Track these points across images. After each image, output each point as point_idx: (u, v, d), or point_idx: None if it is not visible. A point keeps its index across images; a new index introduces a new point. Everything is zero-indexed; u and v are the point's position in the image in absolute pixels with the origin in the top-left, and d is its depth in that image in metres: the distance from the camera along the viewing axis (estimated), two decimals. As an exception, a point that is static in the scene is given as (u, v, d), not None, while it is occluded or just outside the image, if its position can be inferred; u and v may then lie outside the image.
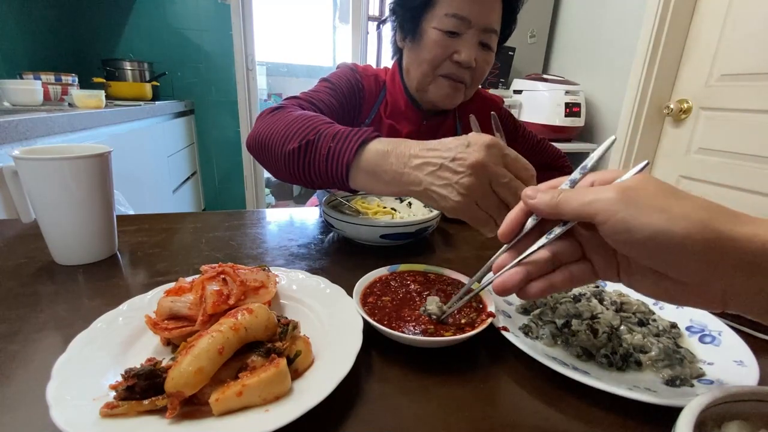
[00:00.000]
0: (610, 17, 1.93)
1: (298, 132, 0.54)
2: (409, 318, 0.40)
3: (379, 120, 0.87)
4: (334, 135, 0.51)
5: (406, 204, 0.73)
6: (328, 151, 0.50)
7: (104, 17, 2.31)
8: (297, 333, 0.36)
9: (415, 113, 0.85)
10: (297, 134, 0.54)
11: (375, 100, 0.86)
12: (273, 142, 0.56)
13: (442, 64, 0.77)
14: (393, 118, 0.86)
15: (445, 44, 0.75)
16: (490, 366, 0.38)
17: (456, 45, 0.74)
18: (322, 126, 0.53)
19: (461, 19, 0.72)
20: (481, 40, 0.75)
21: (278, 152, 0.55)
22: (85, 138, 1.28)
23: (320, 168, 0.52)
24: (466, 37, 0.74)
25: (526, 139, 0.96)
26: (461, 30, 0.74)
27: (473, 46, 0.75)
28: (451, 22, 0.73)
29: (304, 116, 0.56)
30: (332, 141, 0.51)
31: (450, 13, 0.73)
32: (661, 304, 0.48)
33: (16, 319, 0.41)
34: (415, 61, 0.80)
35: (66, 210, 0.51)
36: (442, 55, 0.76)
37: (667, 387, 0.35)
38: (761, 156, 1.42)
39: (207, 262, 0.44)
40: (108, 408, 0.27)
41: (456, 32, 0.74)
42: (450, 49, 0.75)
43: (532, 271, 0.32)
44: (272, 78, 3.56)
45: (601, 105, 2.01)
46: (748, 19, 1.43)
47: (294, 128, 0.55)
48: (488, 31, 0.75)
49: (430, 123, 0.86)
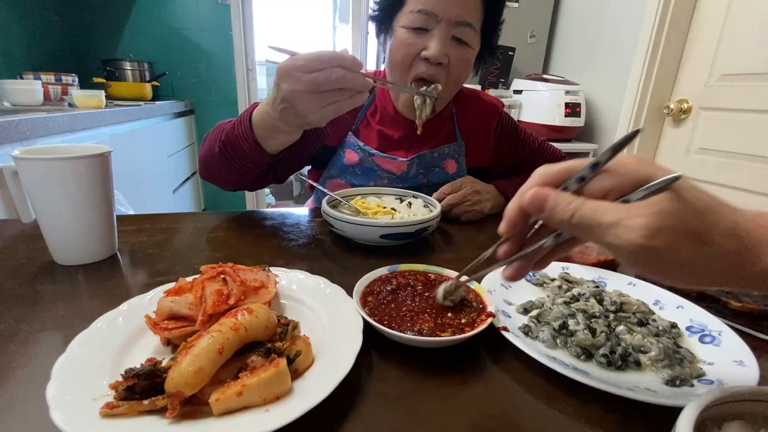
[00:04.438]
0: (610, 17, 1.93)
1: (213, 142, 0.68)
2: (408, 318, 0.40)
3: (367, 125, 0.85)
4: (232, 127, 0.65)
5: (406, 204, 0.73)
6: (236, 138, 0.64)
7: (104, 17, 2.31)
8: (297, 333, 0.36)
9: (404, 118, 0.83)
10: (214, 143, 0.67)
11: (358, 108, 0.83)
12: (207, 158, 0.70)
13: (413, 63, 0.72)
14: (383, 124, 0.84)
15: (412, 42, 0.71)
16: (490, 366, 0.38)
17: (424, 41, 0.71)
18: (224, 126, 0.68)
19: (427, 14, 0.69)
20: (453, 35, 0.71)
21: (213, 163, 0.69)
22: (85, 138, 1.28)
23: (242, 151, 0.64)
24: (435, 32, 0.70)
25: (528, 143, 0.94)
26: (429, 25, 0.70)
27: (443, 40, 0.70)
28: (417, 18, 0.70)
29: (212, 133, 0.71)
30: (234, 131, 0.64)
31: (415, 9, 0.70)
32: (661, 304, 0.48)
33: (16, 319, 0.41)
34: (389, 67, 0.77)
35: (66, 210, 0.51)
36: (411, 54, 0.72)
37: (667, 387, 0.35)
38: (761, 156, 1.42)
39: (207, 262, 0.44)
40: (108, 408, 0.27)
41: (423, 28, 0.71)
42: (418, 47, 0.71)
43: (534, 255, 0.33)
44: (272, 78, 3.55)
45: (601, 105, 2.01)
46: (748, 19, 1.43)
47: (211, 142, 0.69)
48: (460, 25, 0.70)
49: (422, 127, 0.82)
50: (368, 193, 0.77)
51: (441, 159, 0.85)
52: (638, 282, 0.52)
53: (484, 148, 0.90)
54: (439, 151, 0.85)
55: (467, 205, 0.78)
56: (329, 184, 0.85)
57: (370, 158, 0.82)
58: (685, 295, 0.48)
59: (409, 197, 0.75)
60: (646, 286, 0.51)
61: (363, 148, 0.82)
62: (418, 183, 0.85)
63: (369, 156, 0.82)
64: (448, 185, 0.79)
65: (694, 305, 0.46)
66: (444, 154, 0.85)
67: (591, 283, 0.52)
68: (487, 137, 0.89)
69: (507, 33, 2.33)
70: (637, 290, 0.50)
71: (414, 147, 0.84)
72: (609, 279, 0.53)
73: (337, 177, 0.85)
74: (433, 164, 0.85)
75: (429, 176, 0.85)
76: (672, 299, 0.48)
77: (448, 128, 0.88)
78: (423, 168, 0.84)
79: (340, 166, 0.84)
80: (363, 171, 0.83)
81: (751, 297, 0.46)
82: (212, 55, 2.52)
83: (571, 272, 0.54)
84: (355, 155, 0.83)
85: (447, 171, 0.86)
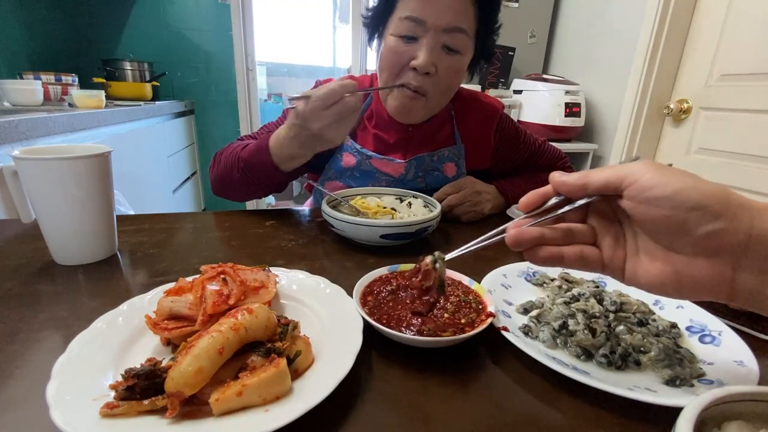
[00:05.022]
0: (610, 17, 1.93)
1: (231, 168, 0.73)
2: (409, 318, 0.40)
3: (364, 129, 0.85)
4: (249, 154, 0.69)
5: (406, 204, 0.73)
6: (256, 164, 0.69)
7: (104, 17, 2.31)
8: (297, 333, 0.36)
9: (398, 122, 0.82)
10: (232, 169, 0.72)
11: None
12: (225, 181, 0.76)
13: (401, 72, 0.72)
14: (379, 128, 0.85)
15: (400, 50, 0.70)
16: (490, 366, 0.38)
17: (413, 50, 0.70)
18: (239, 153, 0.72)
19: (416, 21, 0.68)
20: (444, 43, 0.69)
21: (233, 185, 0.75)
22: (85, 138, 1.28)
23: (263, 175, 0.70)
24: (424, 41, 0.69)
25: (528, 145, 0.93)
26: (417, 33, 0.69)
27: (432, 50, 0.69)
28: (405, 25, 0.69)
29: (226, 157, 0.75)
30: (253, 158, 0.69)
31: (404, 16, 0.69)
32: (661, 304, 0.48)
33: (16, 319, 0.41)
34: (379, 71, 0.77)
35: (66, 210, 0.51)
36: (399, 63, 0.71)
37: (667, 387, 0.35)
38: (761, 156, 1.42)
39: (207, 262, 0.44)
40: (108, 408, 0.27)
41: (413, 36, 0.69)
42: (406, 56, 0.70)
43: (548, 235, 0.33)
44: (272, 78, 3.56)
45: (601, 105, 2.01)
46: (748, 19, 1.43)
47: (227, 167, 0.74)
48: (451, 32, 0.69)
49: (417, 129, 0.83)
50: (368, 193, 0.76)
51: (440, 162, 0.85)
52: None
53: (484, 150, 0.89)
54: (439, 154, 0.84)
55: (468, 206, 0.78)
56: (327, 186, 0.85)
57: (368, 161, 0.82)
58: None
59: (409, 197, 0.75)
60: (646, 286, 0.51)
61: (360, 150, 0.82)
62: (416, 186, 0.84)
63: (366, 159, 0.82)
64: (449, 185, 0.79)
65: (694, 305, 0.46)
66: (444, 157, 0.85)
67: (591, 283, 0.52)
68: (487, 140, 0.89)
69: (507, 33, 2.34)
70: (637, 290, 0.50)
71: (411, 150, 0.84)
72: (609, 279, 0.53)
73: (335, 179, 0.85)
74: (432, 167, 0.85)
75: (427, 179, 0.85)
76: (672, 299, 0.48)
77: (447, 131, 0.87)
78: (421, 171, 0.84)
79: (337, 168, 0.84)
80: (361, 174, 0.84)
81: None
82: (212, 55, 2.52)
83: (571, 272, 0.54)
84: (352, 158, 0.83)
85: (446, 174, 0.86)
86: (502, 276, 0.52)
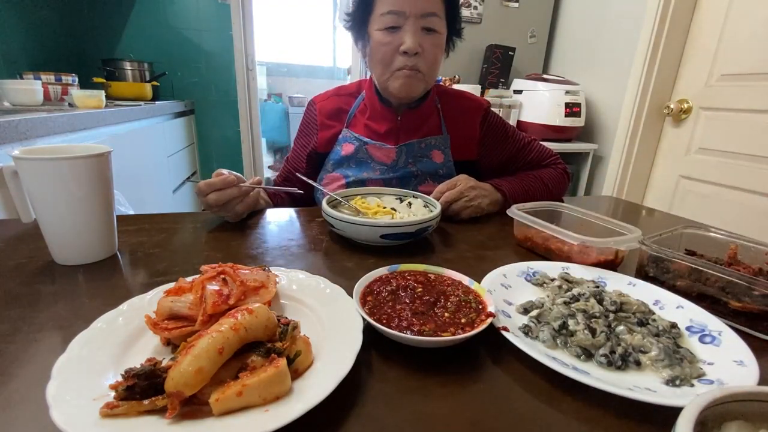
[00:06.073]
0: (610, 17, 1.93)
1: None
2: (409, 318, 0.40)
3: (357, 122, 0.94)
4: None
5: (406, 204, 0.73)
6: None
7: (104, 17, 2.31)
8: (297, 333, 0.35)
9: (389, 112, 0.91)
10: None
11: (347, 111, 0.95)
12: None
13: (393, 59, 0.81)
14: (371, 119, 0.93)
15: (389, 40, 0.80)
16: (490, 366, 0.38)
17: (399, 38, 0.80)
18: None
19: (397, 13, 0.78)
20: (423, 26, 0.80)
21: None
22: (85, 138, 1.28)
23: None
24: (406, 28, 0.79)
25: (517, 140, 0.98)
26: (399, 23, 0.79)
27: (415, 33, 0.79)
28: (388, 18, 0.79)
29: None
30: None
31: (385, 11, 0.79)
32: (661, 304, 0.48)
33: (16, 319, 0.41)
34: (372, 65, 0.87)
35: (66, 210, 0.51)
36: (390, 52, 0.81)
37: (667, 387, 0.35)
38: (761, 156, 1.42)
39: (207, 262, 0.44)
40: (108, 408, 0.27)
41: (396, 26, 0.79)
42: (395, 43, 0.80)
43: None
44: (272, 78, 3.55)
45: (601, 105, 2.01)
46: (748, 19, 1.43)
47: None
48: (427, 16, 0.79)
49: (405, 119, 0.91)
50: (368, 193, 0.77)
51: (428, 149, 0.92)
52: (638, 282, 0.52)
53: (470, 141, 0.95)
54: (426, 141, 0.92)
55: (465, 201, 0.79)
56: (326, 177, 0.92)
57: (364, 147, 0.90)
58: (685, 295, 0.48)
59: (409, 197, 0.75)
60: (646, 286, 0.51)
61: (358, 137, 0.91)
62: (408, 172, 0.90)
63: (363, 145, 0.90)
64: (444, 183, 0.81)
65: (694, 305, 0.46)
66: (431, 145, 0.92)
67: (591, 283, 0.52)
68: (472, 130, 0.95)
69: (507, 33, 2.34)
70: (637, 290, 0.50)
71: (402, 138, 0.91)
72: (609, 279, 0.53)
73: (333, 171, 0.92)
74: (421, 154, 0.91)
75: (418, 165, 0.91)
76: (672, 299, 0.48)
77: (434, 122, 0.94)
78: (411, 157, 0.91)
79: (336, 159, 0.92)
80: (357, 163, 0.91)
81: (751, 297, 0.46)
82: (212, 55, 2.52)
83: (571, 272, 0.54)
84: (351, 146, 0.91)
85: (434, 161, 0.92)
86: (502, 276, 0.52)
